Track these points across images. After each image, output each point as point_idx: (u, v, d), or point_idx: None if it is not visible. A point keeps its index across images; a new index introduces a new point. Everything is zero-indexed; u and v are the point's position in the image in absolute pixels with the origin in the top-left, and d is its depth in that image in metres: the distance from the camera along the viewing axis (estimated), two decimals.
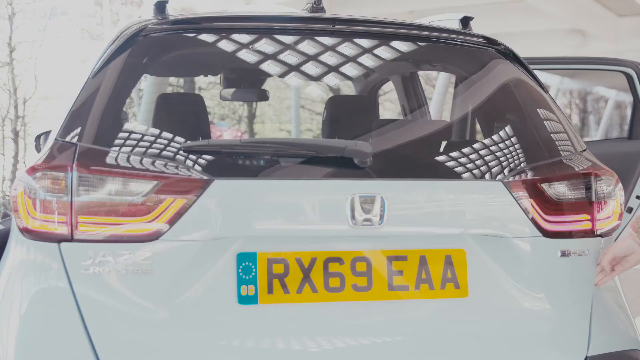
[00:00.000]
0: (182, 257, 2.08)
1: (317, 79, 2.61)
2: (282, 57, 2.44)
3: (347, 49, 2.50)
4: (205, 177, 2.10)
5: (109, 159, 2.11)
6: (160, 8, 2.42)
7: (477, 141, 2.45)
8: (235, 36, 2.43)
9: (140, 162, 2.11)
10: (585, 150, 2.50)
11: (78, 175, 2.06)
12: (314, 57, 2.47)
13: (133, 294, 2.05)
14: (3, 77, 13.55)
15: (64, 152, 2.11)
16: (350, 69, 2.53)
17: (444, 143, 2.70)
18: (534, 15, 15.40)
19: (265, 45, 2.43)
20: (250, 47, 2.42)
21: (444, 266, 2.23)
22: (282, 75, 2.55)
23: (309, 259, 2.16)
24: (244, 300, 2.11)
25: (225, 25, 2.46)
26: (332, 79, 2.52)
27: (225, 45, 2.43)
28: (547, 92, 2.60)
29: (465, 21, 2.74)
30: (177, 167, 2.12)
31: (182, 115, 2.51)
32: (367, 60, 2.55)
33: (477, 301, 2.25)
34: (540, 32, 17.66)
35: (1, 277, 2.16)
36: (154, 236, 2.07)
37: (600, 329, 2.33)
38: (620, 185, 2.45)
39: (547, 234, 2.30)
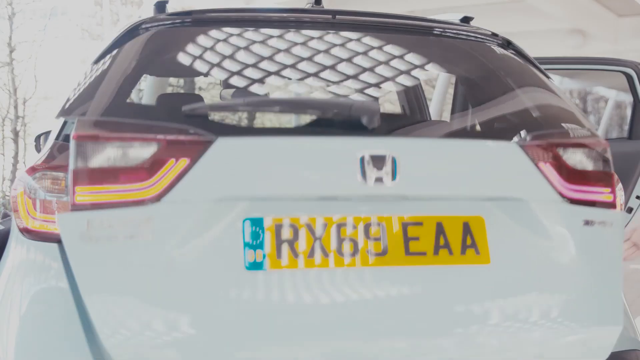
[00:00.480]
0: (186, 221, 1.98)
1: (317, 79, 2.60)
2: (281, 57, 2.43)
3: (347, 45, 2.48)
4: (207, 136, 2.01)
5: (108, 126, 2.01)
6: (160, 8, 2.42)
7: (494, 105, 2.41)
8: (235, 36, 2.42)
9: (140, 125, 2.02)
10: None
11: (76, 144, 1.97)
12: (313, 57, 2.46)
13: (135, 265, 1.94)
14: (3, 77, 13.57)
15: (64, 152, 2.10)
16: (350, 68, 2.51)
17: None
18: (534, 15, 15.39)
19: (265, 44, 2.42)
20: (250, 47, 2.41)
21: (462, 233, 2.15)
22: (282, 76, 2.54)
23: (319, 222, 2.06)
24: (251, 266, 2.01)
25: (225, 20, 2.45)
26: (332, 79, 2.51)
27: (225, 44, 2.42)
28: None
29: (466, 21, 2.75)
30: (178, 128, 2.02)
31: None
32: (368, 58, 2.54)
33: (500, 268, 2.16)
34: (540, 32, 17.64)
35: (1, 277, 2.15)
36: (156, 199, 1.97)
37: None
38: (620, 185, 2.45)
39: (568, 200, 2.25)
